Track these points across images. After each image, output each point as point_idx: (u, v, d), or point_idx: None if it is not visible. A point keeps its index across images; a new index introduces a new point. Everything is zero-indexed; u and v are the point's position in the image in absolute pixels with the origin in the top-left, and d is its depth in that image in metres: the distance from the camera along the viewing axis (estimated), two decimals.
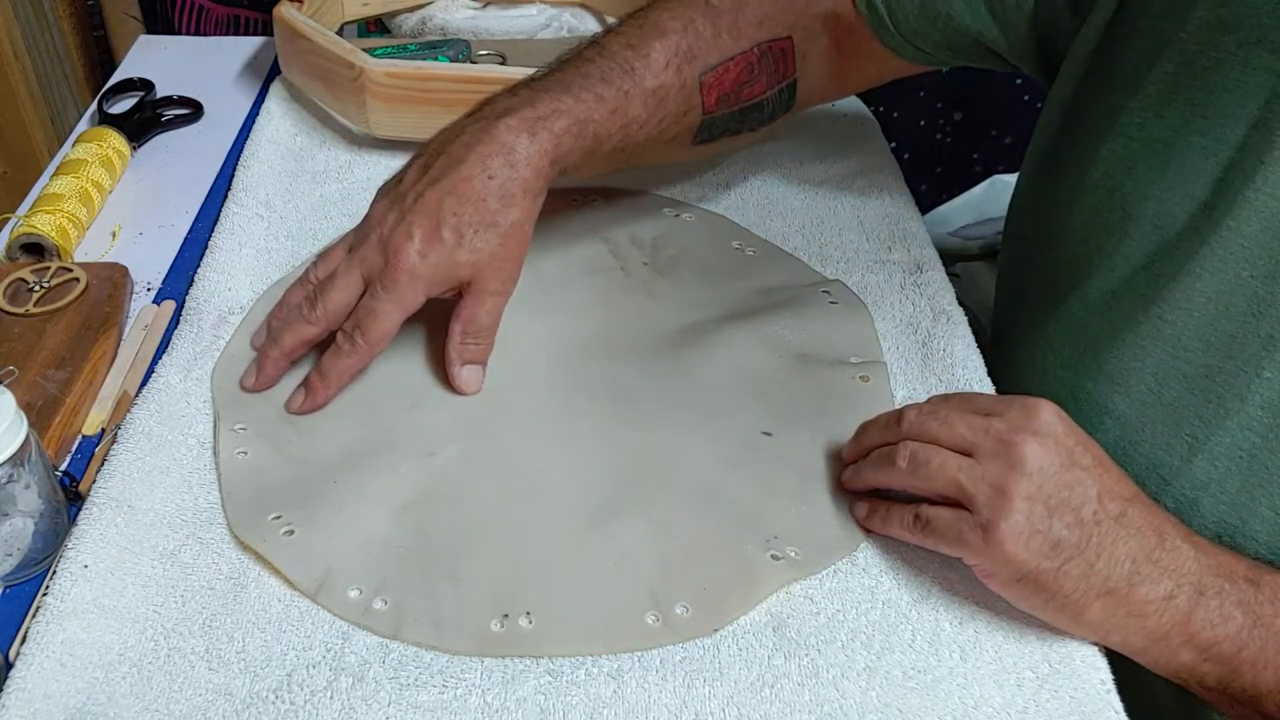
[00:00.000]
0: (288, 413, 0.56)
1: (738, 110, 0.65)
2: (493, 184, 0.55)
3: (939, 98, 1.42)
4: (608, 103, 0.58)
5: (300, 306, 0.56)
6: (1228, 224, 0.48)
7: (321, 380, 0.56)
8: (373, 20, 0.99)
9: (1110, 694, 0.46)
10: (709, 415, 0.57)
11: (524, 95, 0.58)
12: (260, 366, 0.57)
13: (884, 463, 0.49)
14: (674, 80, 0.61)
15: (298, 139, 0.78)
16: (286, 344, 0.56)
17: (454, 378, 0.57)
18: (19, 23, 1.32)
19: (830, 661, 0.46)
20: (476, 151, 0.55)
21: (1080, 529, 0.45)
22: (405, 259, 0.54)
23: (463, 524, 0.51)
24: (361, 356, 0.55)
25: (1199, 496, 0.51)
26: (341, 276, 0.56)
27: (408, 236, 0.54)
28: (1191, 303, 0.50)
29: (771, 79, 0.65)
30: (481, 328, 0.57)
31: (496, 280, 0.56)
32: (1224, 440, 0.50)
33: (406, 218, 0.55)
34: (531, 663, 0.46)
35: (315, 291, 0.56)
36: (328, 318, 0.56)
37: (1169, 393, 0.52)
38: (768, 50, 0.64)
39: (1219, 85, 0.49)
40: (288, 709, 0.43)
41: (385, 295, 0.54)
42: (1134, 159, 0.53)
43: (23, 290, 0.63)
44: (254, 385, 0.57)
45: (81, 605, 0.46)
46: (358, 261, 0.55)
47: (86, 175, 0.72)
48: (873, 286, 0.66)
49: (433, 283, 0.55)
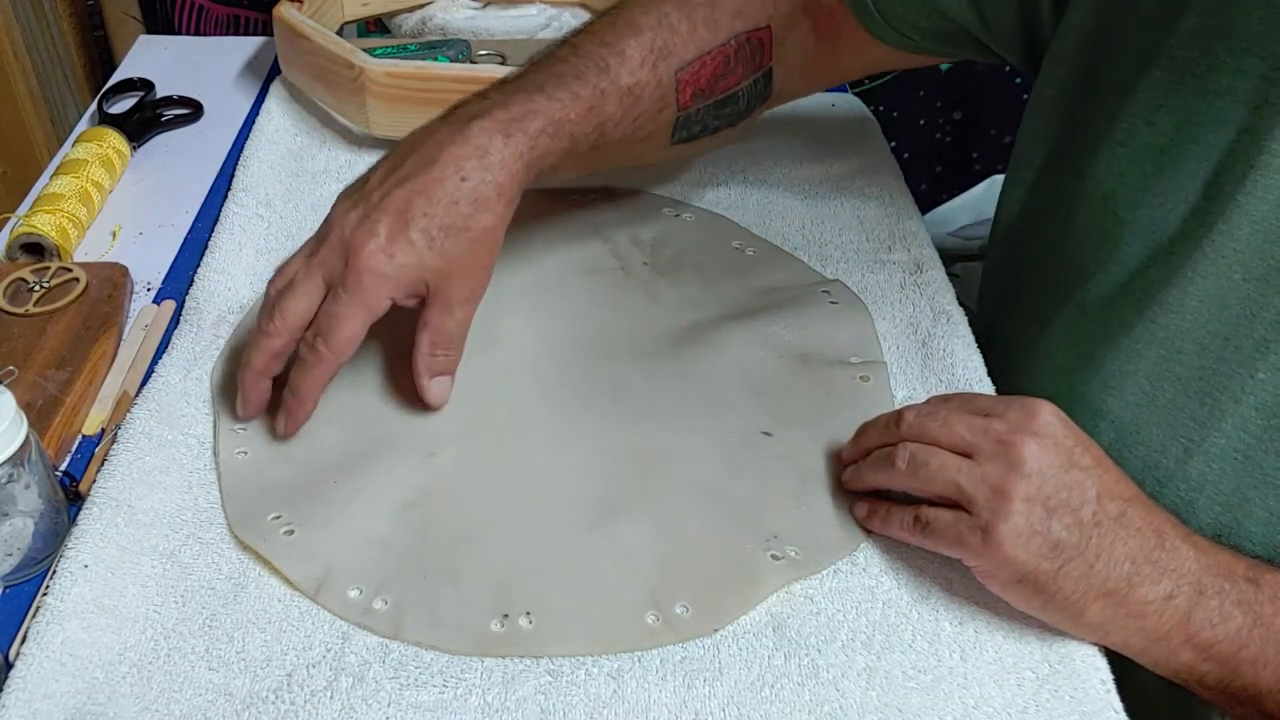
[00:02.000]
0: (273, 438, 0.54)
1: (712, 104, 0.63)
2: (466, 186, 0.52)
3: (939, 97, 1.42)
4: (583, 101, 0.56)
5: (260, 323, 0.53)
6: (1220, 228, 0.49)
7: (294, 396, 0.53)
8: (373, 20, 0.99)
9: (1110, 694, 0.46)
10: (709, 415, 0.57)
11: (496, 98, 0.55)
12: (244, 394, 0.54)
13: (883, 463, 0.49)
14: (649, 78, 0.59)
15: (298, 139, 0.78)
16: (256, 363, 0.53)
17: (424, 390, 0.55)
18: (19, 23, 1.32)
19: (830, 661, 0.46)
20: (449, 152, 0.53)
21: (1080, 530, 0.45)
22: (368, 258, 0.50)
23: (463, 524, 0.51)
24: (328, 365, 0.52)
25: (1194, 498, 0.51)
26: (300, 283, 0.52)
27: (371, 234, 0.51)
28: (1185, 306, 0.50)
29: (747, 69, 0.64)
30: (450, 338, 0.54)
31: (465, 288, 0.53)
32: (1219, 442, 0.50)
33: (371, 215, 0.51)
34: (531, 663, 0.46)
35: (274, 302, 0.53)
36: (289, 328, 0.52)
37: (1163, 395, 0.52)
38: (745, 42, 0.62)
39: (1210, 91, 0.49)
40: (288, 709, 0.43)
41: (347, 298, 0.51)
42: (1126, 166, 0.53)
43: (23, 290, 0.63)
44: (245, 414, 0.54)
45: (81, 605, 0.46)
46: (317, 265, 0.52)
47: (86, 175, 0.72)
48: (873, 286, 0.66)
49: (398, 285, 0.51)
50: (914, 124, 1.44)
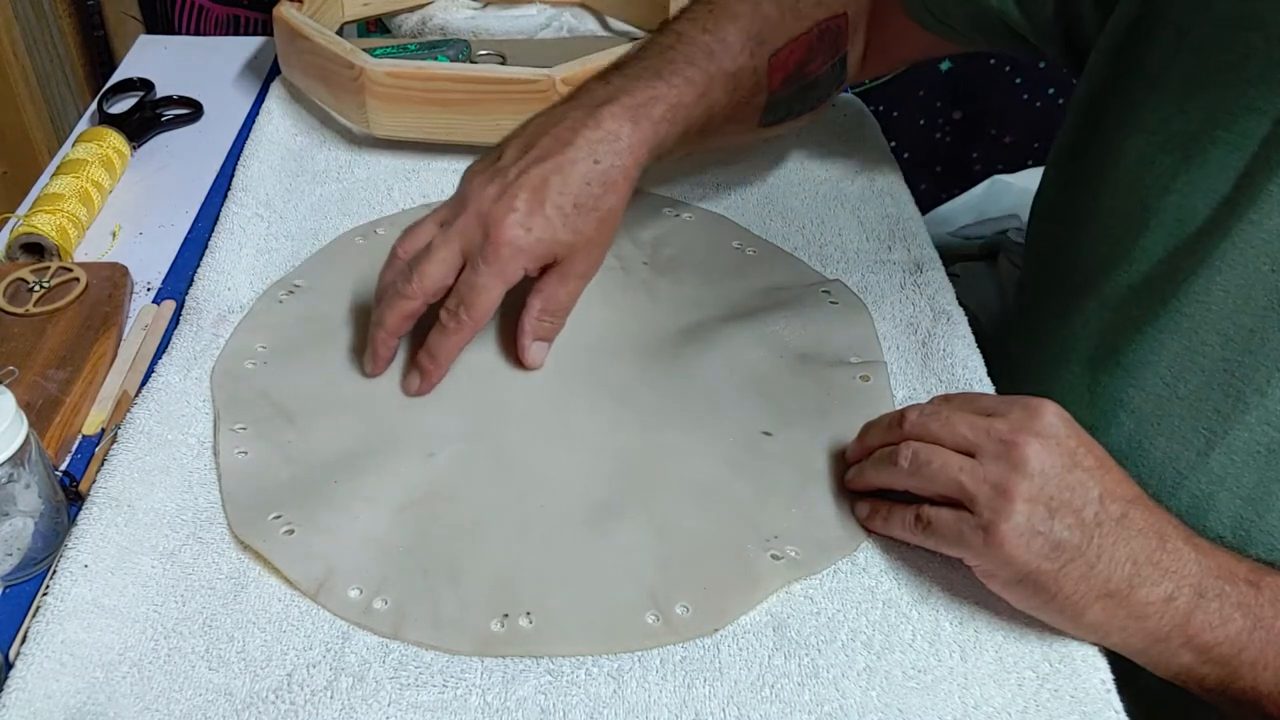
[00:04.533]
0: (406, 396, 0.57)
1: (798, 89, 0.66)
2: (598, 169, 0.55)
3: (939, 97, 1.42)
4: (696, 86, 0.59)
5: (396, 283, 0.56)
6: (1250, 217, 0.48)
7: (432, 360, 0.56)
8: (373, 20, 0.99)
9: (1110, 693, 0.45)
10: (709, 415, 0.57)
11: (618, 83, 0.58)
12: (374, 351, 0.57)
13: (886, 463, 0.49)
14: (749, 63, 0.62)
15: (298, 139, 0.78)
16: (390, 323, 0.56)
17: (524, 350, 0.58)
18: (19, 23, 1.32)
19: (830, 661, 0.46)
20: (584, 135, 0.55)
21: (1082, 530, 0.45)
22: (507, 230, 0.53)
23: (463, 524, 0.51)
24: (467, 333, 0.55)
25: (1215, 491, 0.51)
26: (438, 249, 0.55)
27: (510, 209, 0.54)
28: (1210, 296, 0.50)
29: (827, 55, 0.67)
30: (560, 307, 0.57)
31: (585, 263, 0.57)
32: (1241, 435, 0.50)
33: (509, 191, 0.54)
34: (532, 662, 0.46)
35: (410, 266, 0.55)
36: (425, 291, 0.55)
37: (1185, 387, 0.52)
38: (826, 28, 0.65)
39: (1242, 80, 0.49)
40: (288, 709, 0.43)
41: (487, 269, 0.54)
42: (1156, 153, 0.53)
43: (23, 290, 0.63)
44: (373, 370, 0.58)
45: (81, 605, 0.46)
46: (456, 235, 0.55)
47: (86, 175, 0.72)
48: (873, 286, 0.66)
49: (533, 257, 0.54)
50: (914, 124, 1.45)
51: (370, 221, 0.71)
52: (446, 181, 0.74)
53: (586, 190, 0.55)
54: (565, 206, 0.54)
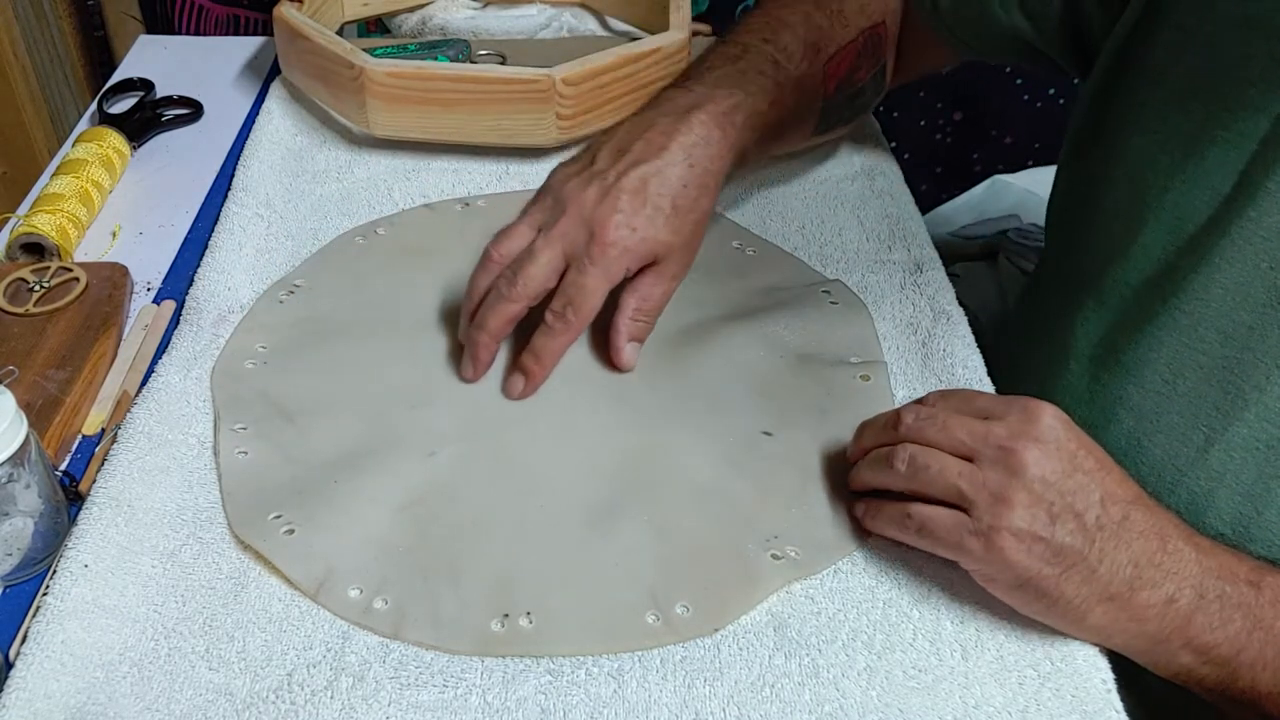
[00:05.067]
0: (509, 398, 0.57)
1: (848, 95, 0.68)
2: (693, 172, 0.56)
3: (939, 98, 1.42)
4: (769, 94, 0.61)
5: (498, 287, 0.56)
6: (1249, 215, 0.49)
7: (537, 362, 0.56)
8: (373, 20, 0.99)
9: (1111, 693, 0.45)
10: (709, 415, 0.57)
11: (701, 90, 0.59)
12: (474, 355, 0.57)
13: (882, 464, 0.49)
14: (808, 70, 0.63)
15: (298, 139, 0.78)
16: (492, 326, 0.56)
17: (619, 351, 0.58)
18: (19, 23, 1.32)
19: (831, 661, 0.46)
20: (678, 140, 0.57)
21: (1084, 535, 0.44)
22: (614, 233, 0.54)
23: (463, 524, 0.51)
24: (573, 334, 0.56)
25: (1214, 488, 0.51)
26: (541, 252, 0.55)
27: (614, 210, 0.54)
28: (1209, 294, 0.50)
29: (871, 63, 0.68)
30: (655, 306, 0.58)
31: (679, 264, 0.57)
32: (1241, 432, 0.50)
33: (611, 193, 0.55)
34: (532, 662, 0.46)
35: (511, 270, 0.55)
36: (528, 294, 0.55)
37: (1184, 384, 0.52)
38: (870, 36, 0.67)
39: (1244, 79, 0.49)
40: (288, 709, 0.43)
41: (594, 269, 0.54)
42: (1157, 152, 0.53)
43: (23, 290, 0.63)
44: (473, 375, 0.58)
45: (81, 605, 0.46)
46: (558, 237, 0.55)
47: (86, 175, 0.72)
48: (873, 286, 0.66)
49: (637, 257, 0.55)
50: (914, 124, 1.44)
51: (370, 221, 0.71)
52: (446, 181, 0.74)
53: (684, 192, 0.56)
54: (665, 208, 0.55)
